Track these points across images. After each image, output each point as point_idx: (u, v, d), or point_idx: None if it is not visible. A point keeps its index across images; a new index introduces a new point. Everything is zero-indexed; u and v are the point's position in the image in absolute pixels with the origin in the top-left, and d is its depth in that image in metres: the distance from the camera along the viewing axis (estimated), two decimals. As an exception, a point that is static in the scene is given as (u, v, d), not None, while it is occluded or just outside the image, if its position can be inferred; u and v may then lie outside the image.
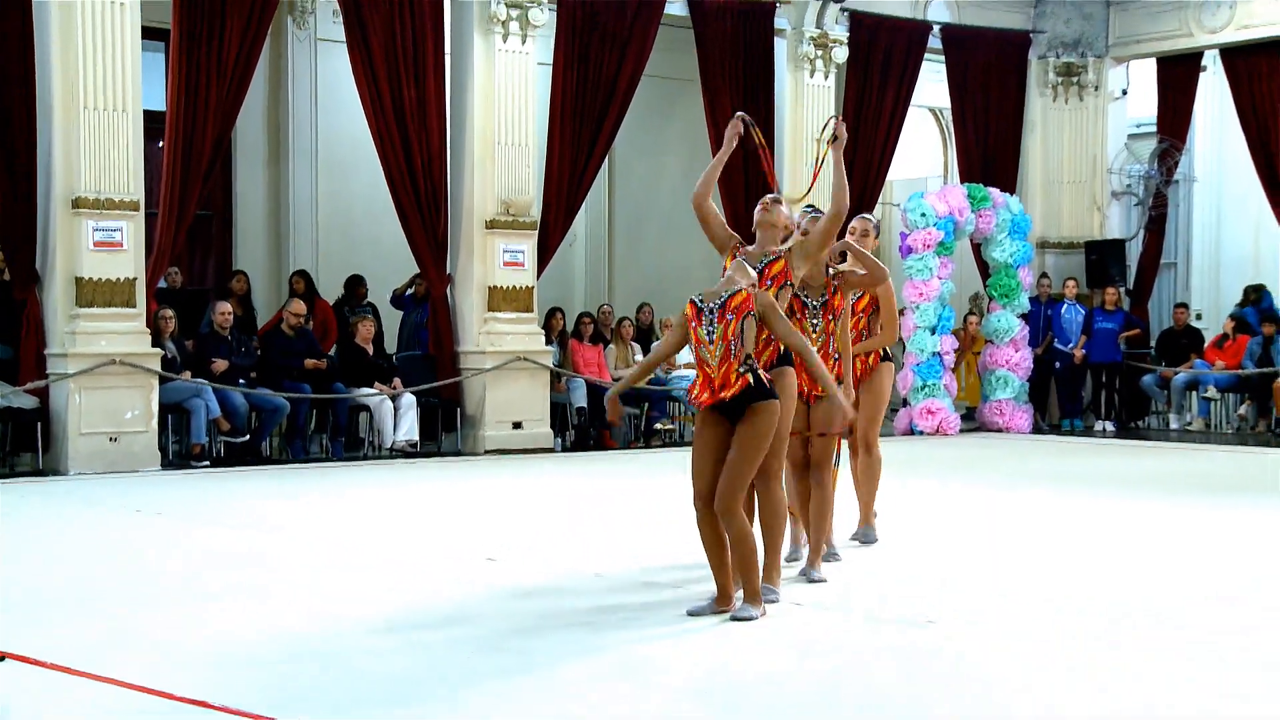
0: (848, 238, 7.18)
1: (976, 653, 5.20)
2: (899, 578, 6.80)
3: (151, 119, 12.09)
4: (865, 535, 7.52)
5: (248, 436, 12.33)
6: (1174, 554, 7.59)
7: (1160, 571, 7.02)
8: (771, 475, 5.90)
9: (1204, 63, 17.12)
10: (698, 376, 5.68)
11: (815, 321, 6.33)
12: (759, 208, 6.01)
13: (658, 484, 10.52)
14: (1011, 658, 5.14)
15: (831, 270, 6.49)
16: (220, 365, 12.33)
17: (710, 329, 5.60)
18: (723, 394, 5.49)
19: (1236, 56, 16.35)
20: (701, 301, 5.70)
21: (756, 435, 5.50)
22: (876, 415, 7.20)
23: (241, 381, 12.49)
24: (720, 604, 5.76)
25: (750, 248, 6.01)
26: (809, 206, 6.72)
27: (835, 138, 5.92)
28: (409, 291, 14.47)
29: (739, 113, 5.97)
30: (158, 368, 11.61)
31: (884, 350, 7.30)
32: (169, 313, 12.14)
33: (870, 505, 7.51)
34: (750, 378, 5.50)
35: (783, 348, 5.85)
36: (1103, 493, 10.41)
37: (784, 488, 6.04)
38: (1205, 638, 5.49)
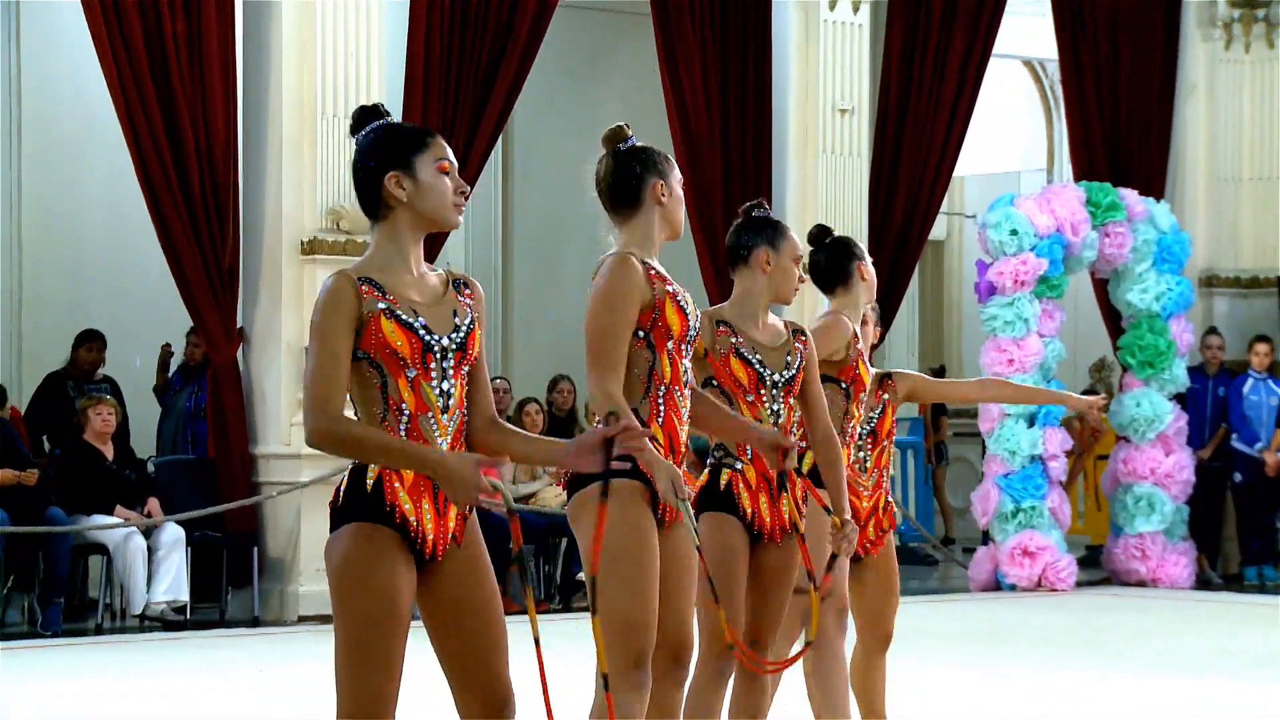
0: None
1: None
2: None
3: None
4: None
5: (-102, 598, 12.71)
6: None
7: None
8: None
9: None
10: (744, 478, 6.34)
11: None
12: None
13: (586, 671, 10.32)
14: None
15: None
16: None
17: (774, 402, 6.34)
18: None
19: None
20: (754, 355, 6.32)
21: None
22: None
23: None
24: None
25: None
26: None
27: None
28: (174, 370, 14.65)
29: None
30: None
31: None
32: None
33: None
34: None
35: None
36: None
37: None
38: None
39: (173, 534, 13.05)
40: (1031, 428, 15.81)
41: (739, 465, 6.18)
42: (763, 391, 6.26)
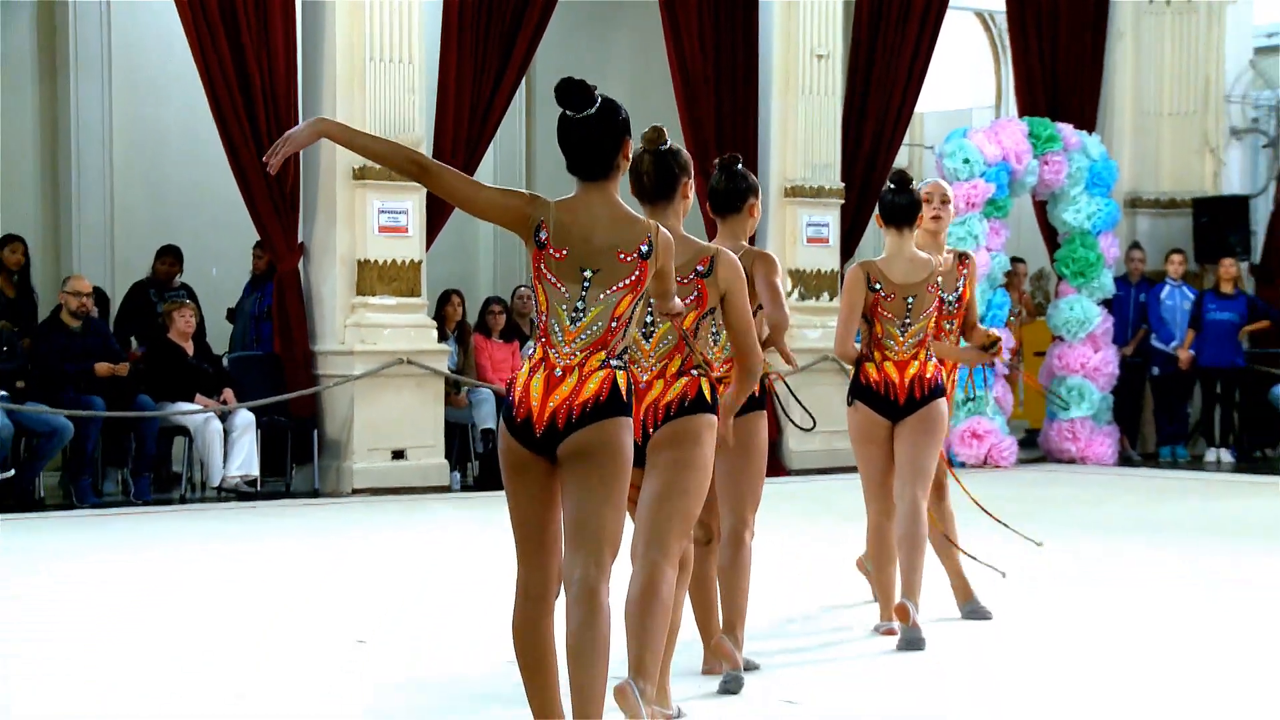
0: (924, 209, 7.87)
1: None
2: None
3: None
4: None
5: (12, 471, 12.45)
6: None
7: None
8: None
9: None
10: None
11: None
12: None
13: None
14: None
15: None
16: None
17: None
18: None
19: None
20: None
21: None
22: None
23: (3, 394, 12.58)
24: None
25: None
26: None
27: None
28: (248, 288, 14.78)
29: None
30: None
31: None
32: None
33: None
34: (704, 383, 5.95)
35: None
36: (1219, 551, 10.49)
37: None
38: None
39: (245, 418, 13.30)
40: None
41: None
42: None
